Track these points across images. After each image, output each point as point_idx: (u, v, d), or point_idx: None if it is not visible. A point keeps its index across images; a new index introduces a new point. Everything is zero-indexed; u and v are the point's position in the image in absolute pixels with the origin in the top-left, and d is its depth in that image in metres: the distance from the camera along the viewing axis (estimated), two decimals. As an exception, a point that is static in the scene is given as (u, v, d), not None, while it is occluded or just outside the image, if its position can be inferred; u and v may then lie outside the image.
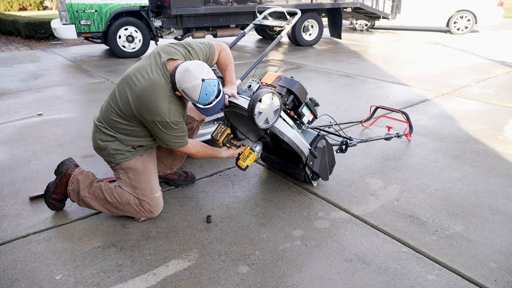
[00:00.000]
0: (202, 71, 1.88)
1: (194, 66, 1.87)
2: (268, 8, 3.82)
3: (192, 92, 1.87)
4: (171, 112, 1.96)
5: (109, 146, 2.10)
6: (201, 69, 1.88)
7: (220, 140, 2.29)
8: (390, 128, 3.33)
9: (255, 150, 2.29)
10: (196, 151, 2.18)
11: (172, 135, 2.03)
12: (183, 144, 2.10)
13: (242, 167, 2.27)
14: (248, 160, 2.28)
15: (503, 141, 3.23)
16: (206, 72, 1.88)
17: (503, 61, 6.66)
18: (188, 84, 1.85)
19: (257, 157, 2.31)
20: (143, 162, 2.15)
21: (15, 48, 8.87)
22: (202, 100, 1.90)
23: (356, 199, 2.39)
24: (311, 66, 6.43)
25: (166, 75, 1.96)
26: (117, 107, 2.03)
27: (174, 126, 2.00)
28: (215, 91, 1.91)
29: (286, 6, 7.90)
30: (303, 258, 1.88)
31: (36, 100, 4.63)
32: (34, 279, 1.76)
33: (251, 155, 2.28)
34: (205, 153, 2.22)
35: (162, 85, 1.95)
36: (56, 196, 2.22)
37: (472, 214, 2.22)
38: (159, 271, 1.81)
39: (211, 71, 1.92)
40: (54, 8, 19.37)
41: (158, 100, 1.93)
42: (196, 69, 1.87)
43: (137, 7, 6.98)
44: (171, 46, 2.08)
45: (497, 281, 1.72)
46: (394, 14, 9.98)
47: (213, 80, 1.89)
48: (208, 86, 1.86)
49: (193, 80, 1.85)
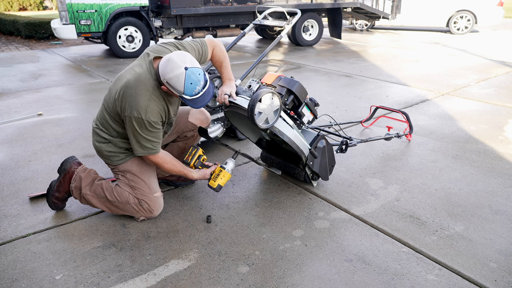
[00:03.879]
0: (185, 59, 1.81)
1: (176, 55, 1.81)
2: (268, 8, 3.82)
3: (176, 82, 1.80)
4: (149, 110, 1.90)
5: (104, 148, 2.12)
6: (183, 58, 1.82)
7: (191, 163, 2.20)
8: (390, 128, 3.33)
9: (225, 168, 2.18)
10: (164, 161, 2.08)
11: (144, 137, 1.95)
12: (153, 152, 2.01)
13: (213, 187, 2.15)
14: (219, 178, 2.16)
15: (503, 141, 3.23)
16: (190, 61, 1.82)
17: (503, 61, 6.65)
18: (171, 74, 1.79)
19: (230, 175, 2.19)
20: (139, 164, 2.15)
21: (15, 48, 8.87)
22: (187, 91, 1.82)
23: (356, 199, 2.39)
24: (311, 66, 6.43)
25: (151, 72, 1.93)
26: (107, 106, 2.04)
27: (149, 127, 1.93)
28: (201, 80, 1.84)
29: (286, 6, 7.89)
30: (303, 258, 1.88)
31: (36, 100, 4.63)
32: (34, 279, 1.76)
33: (221, 173, 2.17)
34: (174, 167, 2.11)
35: (145, 81, 1.91)
36: (59, 194, 2.22)
37: (472, 214, 2.22)
38: (159, 271, 1.81)
39: (195, 60, 1.87)
40: (54, 8, 19.37)
41: (138, 95, 1.89)
42: (178, 58, 1.81)
43: (137, 7, 6.98)
44: (161, 45, 2.06)
45: (497, 281, 1.72)
46: (394, 14, 9.97)
47: (197, 68, 1.83)
48: (192, 74, 1.80)
49: (175, 69, 1.79)
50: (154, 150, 2.01)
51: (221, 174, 2.17)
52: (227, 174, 2.18)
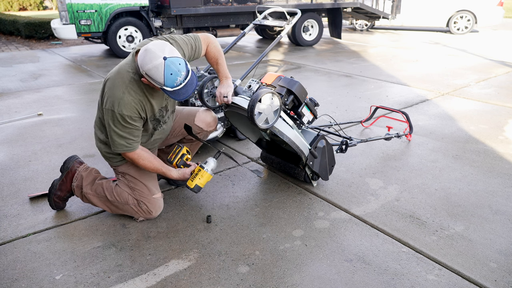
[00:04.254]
0: (164, 49, 1.73)
1: (154, 45, 1.74)
2: (268, 8, 3.82)
3: (155, 73, 1.71)
4: (122, 103, 1.83)
5: (103, 149, 2.13)
6: (162, 48, 1.73)
7: (174, 162, 2.12)
8: (390, 128, 3.33)
9: (204, 167, 2.07)
10: (139, 158, 1.99)
11: (117, 132, 1.88)
12: (127, 149, 1.94)
13: (190, 187, 2.05)
14: (198, 179, 2.05)
15: (503, 141, 3.23)
16: (169, 51, 1.74)
17: (503, 61, 6.65)
18: (150, 65, 1.71)
19: (210, 176, 2.08)
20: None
21: (15, 48, 8.87)
22: (168, 82, 1.73)
23: (356, 199, 2.39)
24: (311, 66, 6.43)
25: (131, 66, 1.88)
26: (99, 105, 2.03)
27: (122, 121, 1.86)
28: (182, 70, 1.75)
29: (286, 6, 7.89)
30: (303, 258, 1.88)
31: (36, 100, 4.63)
32: (34, 279, 1.76)
33: (200, 172, 2.07)
34: (151, 164, 2.03)
35: (123, 74, 1.87)
36: (61, 193, 2.23)
37: (472, 214, 2.22)
38: (159, 271, 1.81)
39: (175, 50, 1.79)
40: (54, 8, 19.37)
41: (114, 87, 1.85)
42: (156, 47, 1.72)
43: (137, 7, 6.98)
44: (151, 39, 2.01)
45: (497, 281, 1.72)
46: (394, 14, 9.97)
47: (177, 58, 1.74)
48: (171, 64, 1.71)
49: (154, 59, 1.70)
50: (128, 148, 1.94)
51: (199, 174, 2.07)
52: (206, 174, 2.07)
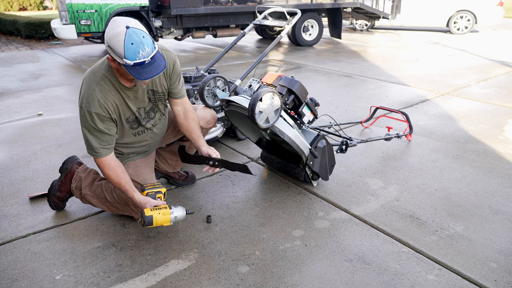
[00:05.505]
0: (129, 22, 1.62)
1: (122, 17, 1.64)
2: (268, 8, 3.82)
3: (115, 42, 1.58)
4: (90, 99, 1.74)
5: None
6: (128, 20, 1.63)
7: (145, 191, 1.94)
8: (390, 129, 3.33)
9: (171, 209, 1.88)
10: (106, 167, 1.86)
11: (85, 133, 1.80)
12: (95, 155, 1.84)
13: (144, 213, 1.81)
14: (157, 213, 1.81)
15: (503, 141, 3.23)
16: (134, 23, 1.63)
17: (503, 61, 6.65)
18: (111, 33, 1.59)
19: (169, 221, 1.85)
20: (136, 167, 2.13)
21: (15, 48, 8.87)
22: (129, 53, 1.58)
23: (356, 199, 2.39)
24: (311, 66, 6.43)
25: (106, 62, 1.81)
26: None
27: (90, 120, 1.76)
28: (146, 45, 1.61)
29: (286, 6, 7.90)
30: (303, 258, 1.88)
31: (36, 100, 4.63)
32: (34, 279, 1.76)
33: (164, 210, 1.85)
34: (117, 179, 1.88)
35: (96, 71, 1.80)
36: (60, 194, 2.22)
37: (472, 214, 2.22)
38: (159, 271, 1.81)
39: (143, 28, 1.66)
40: (54, 8, 19.37)
41: (86, 84, 1.79)
42: (122, 19, 1.63)
43: (137, 7, 6.98)
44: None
45: (497, 281, 1.72)
46: (394, 14, 9.98)
47: (141, 31, 1.62)
48: (133, 34, 1.58)
49: (116, 27, 1.59)
50: (96, 154, 1.84)
51: (162, 211, 1.84)
52: (167, 217, 1.84)
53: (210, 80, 2.41)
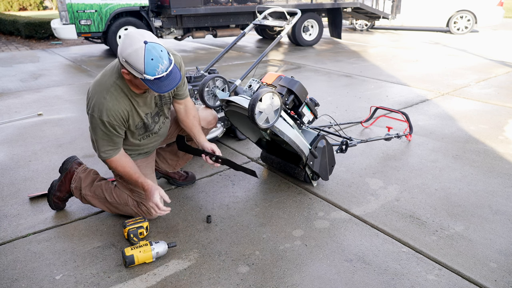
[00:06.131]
0: (145, 35, 1.64)
1: (136, 31, 1.66)
2: (268, 8, 3.82)
3: (135, 59, 1.59)
4: (101, 108, 1.76)
5: None
6: (143, 33, 1.64)
7: (127, 227, 1.91)
8: (390, 129, 3.33)
9: (152, 245, 1.84)
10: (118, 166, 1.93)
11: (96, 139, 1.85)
12: (106, 156, 1.90)
13: (125, 254, 1.79)
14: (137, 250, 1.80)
15: (503, 141, 3.23)
16: (149, 36, 1.64)
17: (503, 61, 6.65)
18: (129, 50, 1.60)
19: (151, 258, 1.83)
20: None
21: (15, 48, 8.87)
22: (149, 69, 1.60)
23: (356, 199, 2.39)
24: (311, 66, 6.43)
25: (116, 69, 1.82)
26: None
27: (102, 127, 1.79)
28: (164, 58, 1.64)
29: (286, 6, 7.89)
30: (303, 258, 1.88)
31: (36, 100, 4.63)
32: (34, 279, 1.76)
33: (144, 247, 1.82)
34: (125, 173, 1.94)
35: (107, 78, 1.81)
36: (60, 194, 2.22)
37: (472, 214, 2.22)
38: (159, 271, 1.81)
39: (157, 39, 1.68)
40: (54, 8, 19.37)
41: (97, 92, 1.80)
42: (137, 33, 1.64)
43: (137, 7, 6.98)
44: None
45: (497, 281, 1.72)
46: (394, 14, 9.97)
47: (159, 44, 1.64)
48: (152, 49, 1.60)
49: (134, 44, 1.59)
50: (106, 155, 1.90)
51: (143, 248, 1.82)
52: (148, 253, 1.82)
53: (209, 81, 2.42)
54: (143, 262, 1.83)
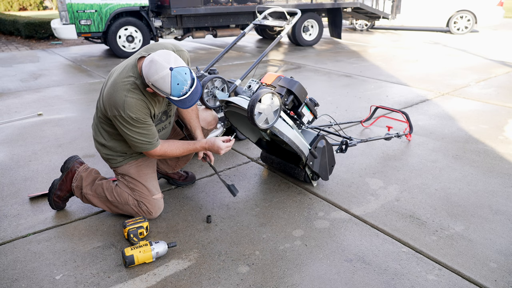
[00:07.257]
0: (169, 59, 1.73)
1: (160, 56, 1.73)
2: (268, 8, 3.82)
3: (162, 84, 1.72)
4: (126, 106, 1.82)
5: (102, 151, 2.13)
6: (167, 58, 1.73)
7: (127, 227, 1.94)
8: (390, 128, 3.33)
9: (152, 245, 1.85)
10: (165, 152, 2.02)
11: (135, 132, 1.88)
12: (149, 147, 1.95)
13: (124, 254, 1.79)
14: (137, 250, 1.81)
15: (503, 141, 3.23)
16: (174, 60, 1.74)
17: (503, 61, 6.65)
18: (156, 76, 1.71)
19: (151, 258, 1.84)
20: (138, 166, 2.14)
21: (15, 48, 8.87)
22: (175, 92, 1.74)
23: (356, 199, 2.39)
24: (311, 66, 6.43)
25: (134, 71, 1.86)
26: (98, 108, 2.02)
27: (133, 122, 1.85)
28: (188, 79, 1.75)
29: (286, 6, 7.90)
30: (303, 258, 1.88)
31: (36, 100, 4.63)
32: (34, 279, 1.76)
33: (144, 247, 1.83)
34: (177, 150, 2.06)
35: (124, 79, 1.85)
36: (61, 193, 2.23)
37: (472, 214, 2.22)
38: (159, 271, 1.81)
39: (179, 58, 1.78)
40: (54, 8, 19.37)
41: (115, 92, 1.84)
42: (162, 58, 1.72)
43: (137, 7, 6.99)
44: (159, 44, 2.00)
45: (497, 281, 1.72)
46: (394, 14, 9.98)
47: (183, 68, 1.75)
48: (178, 75, 1.72)
49: (160, 70, 1.70)
50: (148, 146, 1.95)
51: (143, 248, 1.83)
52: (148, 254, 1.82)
53: (207, 83, 2.42)
54: (143, 262, 1.84)
